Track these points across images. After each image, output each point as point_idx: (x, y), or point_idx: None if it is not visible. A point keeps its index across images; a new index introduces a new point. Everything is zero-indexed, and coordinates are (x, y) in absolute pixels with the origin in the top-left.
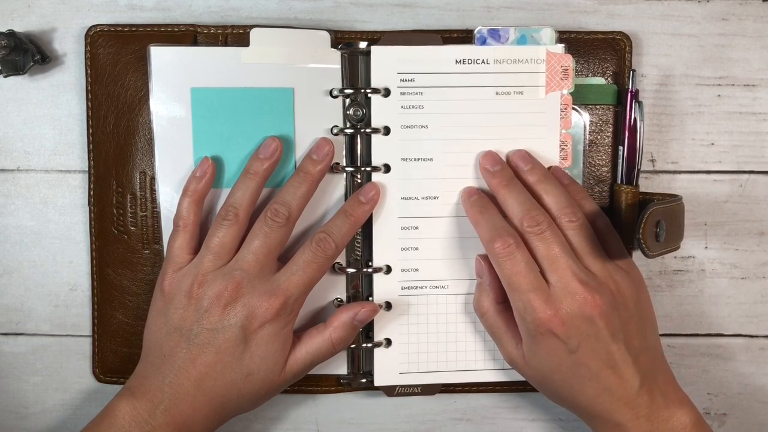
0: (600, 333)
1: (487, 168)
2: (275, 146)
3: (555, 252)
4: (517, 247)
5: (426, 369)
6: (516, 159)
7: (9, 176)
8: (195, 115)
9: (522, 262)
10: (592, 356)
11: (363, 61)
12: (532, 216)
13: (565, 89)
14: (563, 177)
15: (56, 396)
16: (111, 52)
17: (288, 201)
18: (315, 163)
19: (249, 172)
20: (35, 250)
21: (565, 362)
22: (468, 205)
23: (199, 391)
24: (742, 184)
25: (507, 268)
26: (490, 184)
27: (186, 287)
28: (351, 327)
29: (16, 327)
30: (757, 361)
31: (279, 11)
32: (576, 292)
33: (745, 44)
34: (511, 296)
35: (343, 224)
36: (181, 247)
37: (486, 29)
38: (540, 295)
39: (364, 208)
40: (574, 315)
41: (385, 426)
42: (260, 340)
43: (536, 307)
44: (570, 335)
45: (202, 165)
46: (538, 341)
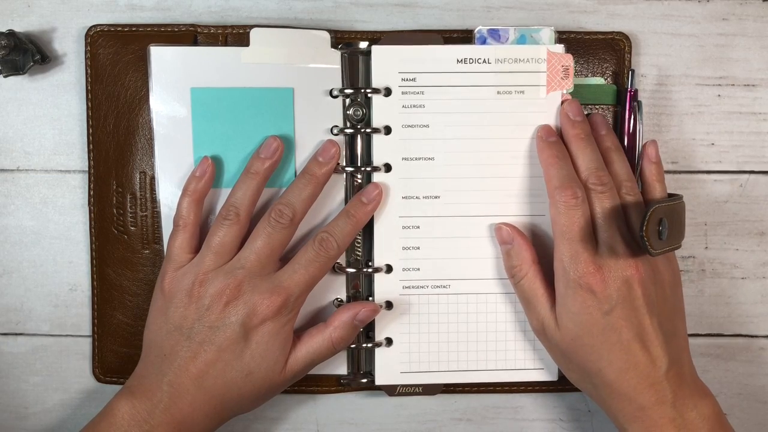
0: (636, 301)
1: (569, 117)
2: (276, 145)
3: (610, 213)
4: (583, 201)
5: (427, 369)
6: (596, 120)
7: (9, 176)
8: (195, 114)
9: (583, 216)
10: (625, 323)
11: (363, 61)
12: (600, 175)
13: (565, 89)
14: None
15: (56, 396)
16: (111, 52)
17: (293, 202)
18: (321, 165)
19: (250, 172)
20: (35, 250)
21: (597, 323)
22: (544, 144)
23: (199, 390)
24: (743, 184)
25: (568, 218)
26: (569, 133)
27: (186, 286)
28: (351, 327)
29: (16, 327)
30: (757, 361)
31: (279, 11)
32: (621, 255)
33: (745, 44)
34: (561, 246)
35: (346, 224)
36: (181, 247)
37: (486, 29)
38: (589, 249)
39: (367, 208)
40: (615, 275)
41: (385, 426)
42: (261, 338)
43: (583, 259)
44: (607, 295)
45: (202, 164)
46: (574, 297)
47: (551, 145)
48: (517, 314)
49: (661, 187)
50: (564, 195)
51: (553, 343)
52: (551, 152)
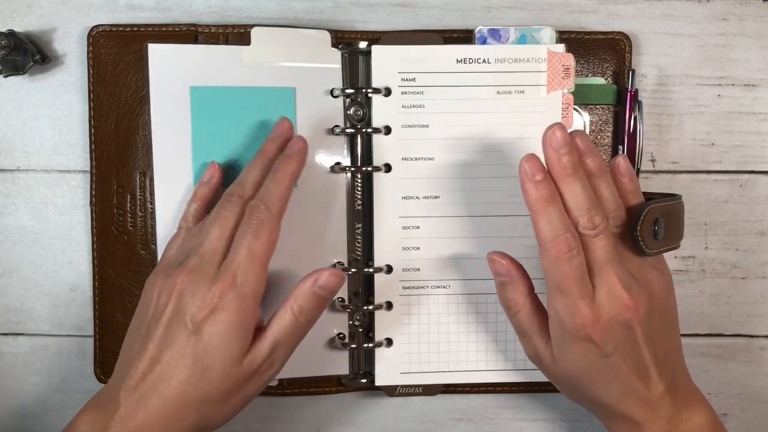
0: (636, 339)
1: (555, 148)
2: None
3: (605, 257)
4: (578, 252)
5: (427, 369)
6: (580, 143)
7: (9, 176)
8: (194, 114)
9: (578, 268)
10: (624, 361)
11: (363, 60)
12: (591, 216)
13: (566, 88)
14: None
15: (56, 396)
16: (112, 52)
17: (242, 181)
18: (268, 141)
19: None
20: (35, 250)
21: (596, 365)
22: (531, 187)
23: (154, 394)
24: (743, 184)
25: (562, 272)
26: (555, 168)
27: (152, 282)
28: (313, 295)
29: (16, 327)
30: (757, 361)
31: (279, 11)
32: (619, 299)
33: (745, 44)
34: (556, 298)
35: (272, 184)
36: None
37: (486, 29)
38: (586, 301)
39: (291, 161)
40: (615, 321)
41: (386, 426)
42: (211, 329)
43: (582, 313)
44: (608, 341)
45: (209, 170)
46: (572, 344)
47: (538, 186)
48: None
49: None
50: (557, 249)
51: (548, 373)
52: (539, 195)
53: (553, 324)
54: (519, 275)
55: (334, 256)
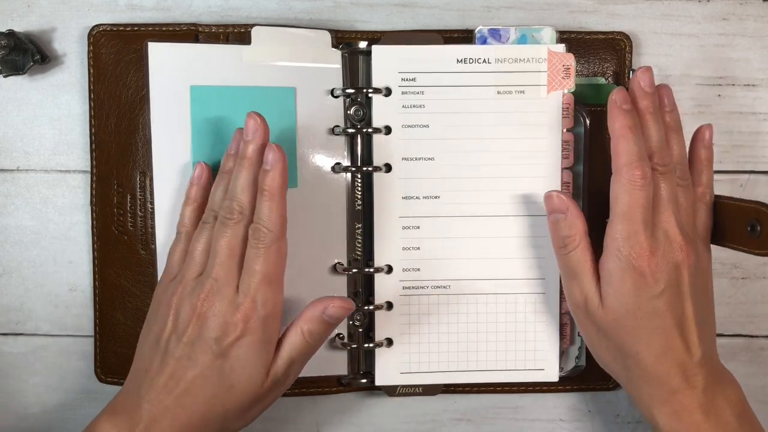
0: (683, 286)
1: (641, 87)
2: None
3: (668, 196)
4: (650, 183)
5: (427, 369)
6: (662, 94)
7: (9, 176)
8: (194, 113)
9: (646, 198)
10: (669, 308)
11: (363, 60)
12: (663, 155)
13: (566, 88)
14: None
15: (56, 396)
16: (113, 52)
17: (234, 194)
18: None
19: (222, 172)
20: (35, 250)
21: (644, 306)
22: (618, 112)
23: (179, 407)
24: (743, 184)
25: (632, 197)
26: (639, 105)
27: (169, 298)
28: (322, 322)
29: (16, 327)
30: (757, 361)
31: (279, 11)
32: (675, 239)
33: (746, 44)
34: (618, 224)
35: (263, 205)
36: (180, 258)
37: (486, 29)
38: (647, 232)
39: (272, 174)
40: (668, 260)
41: (385, 426)
42: (238, 351)
43: (639, 240)
44: (658, 279)
45: (198, 169)
46: (624, 277)
47: (625, 114)
48: (516, 314)
49: (708, 174)
50: (632, 173)
51: (593, 320)
52: (625, 122)
53: (608, 254)
54: (578, 212)
55: (334, 256)
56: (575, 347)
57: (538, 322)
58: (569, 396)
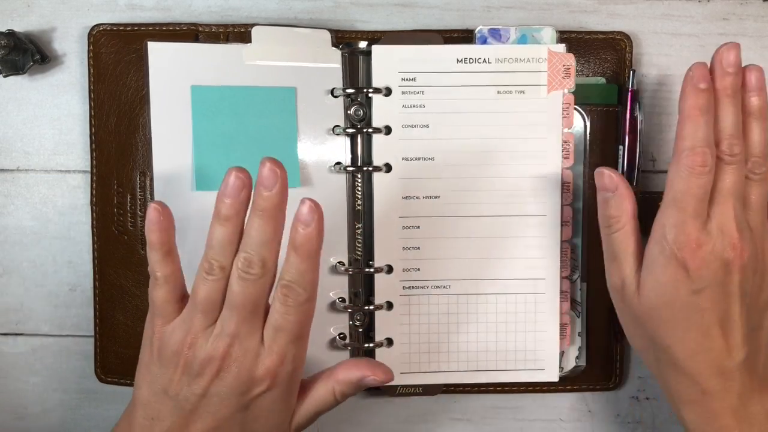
0: (730, 286)
1: (722, 66)
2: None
3: (729, 189)
4: (710, 171)
5: (427, 369)
6: (748, 77)
7: (9, 176)
8: (195, 113)
9: (703, 187)
10: (711, 305)
11: (364, 60)
12: (733, 144)
13: (566, 88)
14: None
15: (56, 396)
16: (113, 52)
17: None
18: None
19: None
20: (35, 250)
21: (682, 300)
22: (692, 92)
23: None
24: None
25: (687, 185)
26: (718, 83)
27: (175, 346)
28: (357, 386)
29: (16, 327)
30: None
31: (279, 11)
32: (729, 235)
33: (746, 44)
34: (668, 210)
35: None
36: (165, 300)
37: (487, 29)
38: (697, 224)
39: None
40: (716, 256)
41: (386, 426)
42: (262, 404)
43: (687, 230)
44: (701, 275)
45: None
46: (665, 267)
47: (699, 93)
48: (517, 314)
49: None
50: (692, 160)
51: (628, 305)
52: (695, 103)
53: (653, 240)
54: (627, 192)
55: (335, 256)
56: (575, 347)
57: (538, 322)
58: (569, 396)
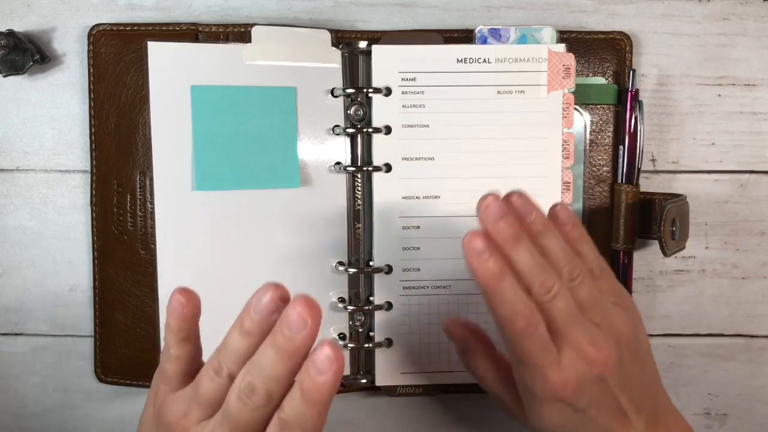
0: (609, 389)
1: (491, 222)
2: (268, 305)
3: (565, 319)
4: (538, 326)
5: (427, 369)
6: (518, 207)
7: (9, 176)
8: (195, 113)
9: (540, 340)
10: (600, 411)
11: (364, 60)
12: (543, 282)
13: (566, 88)
14: (566, 220)
15: (56, 396)
16: (113, 52)
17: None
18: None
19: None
20: (35, 250)
21: (572, 420)
22: (478, 265)
23: None
24: (743, 184)
25: (525, 347)
26: (497, 240)
27: (171, 418)
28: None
29: (16, 327)
30: (757, 361)
31: (279, 11)
32: (587, 356)
33: (746, 44)
34: (521, 371)
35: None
36: (174, 373)
37: (487, 29)
38: (553, 368)
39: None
40: (586, 378)
41: (386, 426)
42: None
43: (549, 380)
44: (580, 398)
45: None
46: (544, 408)
47: (485, 266)
48: None
49: (585, 247)
50: (515, 327)
51: (527, 426)
52: (488, 275)
53: (521, 391)
54: (476, 341)
55: (335, 256)
56: None
57: None
58: None
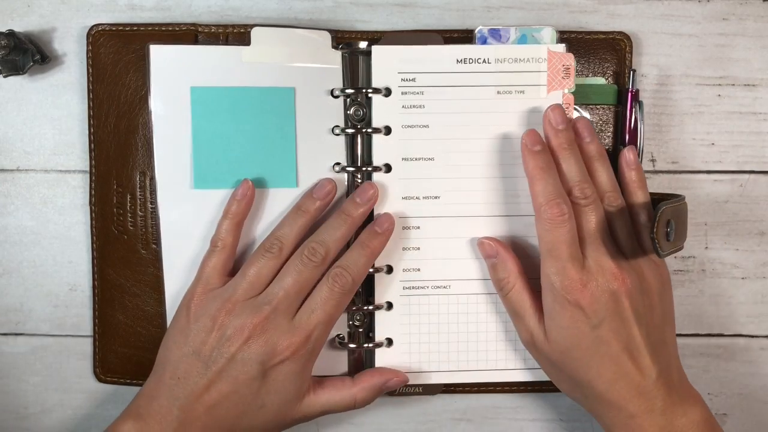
0: (624, 312)
1: (552, 124)
2: (330, 188)
3: (596, 227)
4: (570, 218)
5: (428, 369)
6: (580, 127)
7: (9, 176)
8: (195, 114)
9: (569, 233)
10: (613, 335)
11: (363, 60)
12: (584, 188)
13: (566, 88)
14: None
15: (56, 396)
16: (112, 52)
17: (326, 241)
18: (357, 206)
19: (300, 209)
20: (35, 250)
21: (586, 337)
22: (529, 155)
23: (210, 417)
24: (743, 184)
25: (554, 235)
26: (552, 142)
27: (213, 311)
28: (378, 391)
29: (16, 327)
30: (757, 361)
31: (279, 11)
32: (607, 268)
33: (746, 44)
34: (547, 262)
35: (360, 256)
36: (215, 268)
37: (487, 29)
38: (576, 266)
39: (381, 238)
40: (603, 290)
41: (386, 426)
42: (278, 376)
43: (570, 276)
44: (595, 309)
45: (243, 187)
46: (562, 312)
47: (536, 155)
48: None
49: (642, 194)
50: (550, 212)
51: (543, 354)
52: (536, 163)
53: (544, 291)
54: (507, 254)
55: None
56: None
57: None
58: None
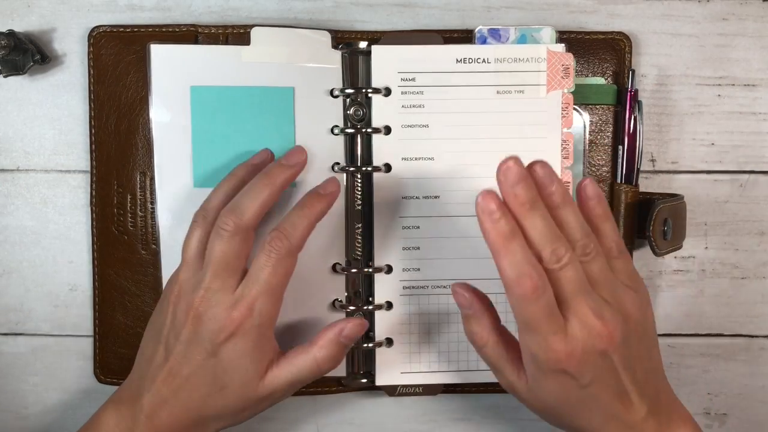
0: (614, 366)
1: (509, 183)
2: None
3: (573, 289)
4: (544, 290)
5: (427, 369)
6: (540, 176)
7: (9, 176)
8: (194, 113)
9: (547, 306)
10: (603, 389)
11: (363, 60)
12: (555, 250)
13: (566, 88)
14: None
15: (56, 396)
16: (113, 53)
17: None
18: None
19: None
20: (35, 250)
21: (574, 395)
22: (489, 224)
23: (176, 401)
24: (743, 184)
25: (530, 311)
26: (512, 203)
27: (169, 293)
28: (337, 344)
29: (16, 327)
30: (757, 361)
31: (279, 11)
32: (593, 329)
33: (745, 44)
34: (527, 336)
35: (300, 218)
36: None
37: (486, 29)
38: (559, 337)
39: (324, 202)
40: (590, 353)
41: (386, 426)
42: (230, 353)
43: (555, 349)
44: (584, 372)
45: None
46: (548, 378)
47: (496, 222)
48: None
49: (610, 226)
50: (521, 288)
51: (527, 403)
52: (496, 234)
53: (526, 359)
54: (482, 308)
55: (334, 256)
56: None
57: None
58: None
